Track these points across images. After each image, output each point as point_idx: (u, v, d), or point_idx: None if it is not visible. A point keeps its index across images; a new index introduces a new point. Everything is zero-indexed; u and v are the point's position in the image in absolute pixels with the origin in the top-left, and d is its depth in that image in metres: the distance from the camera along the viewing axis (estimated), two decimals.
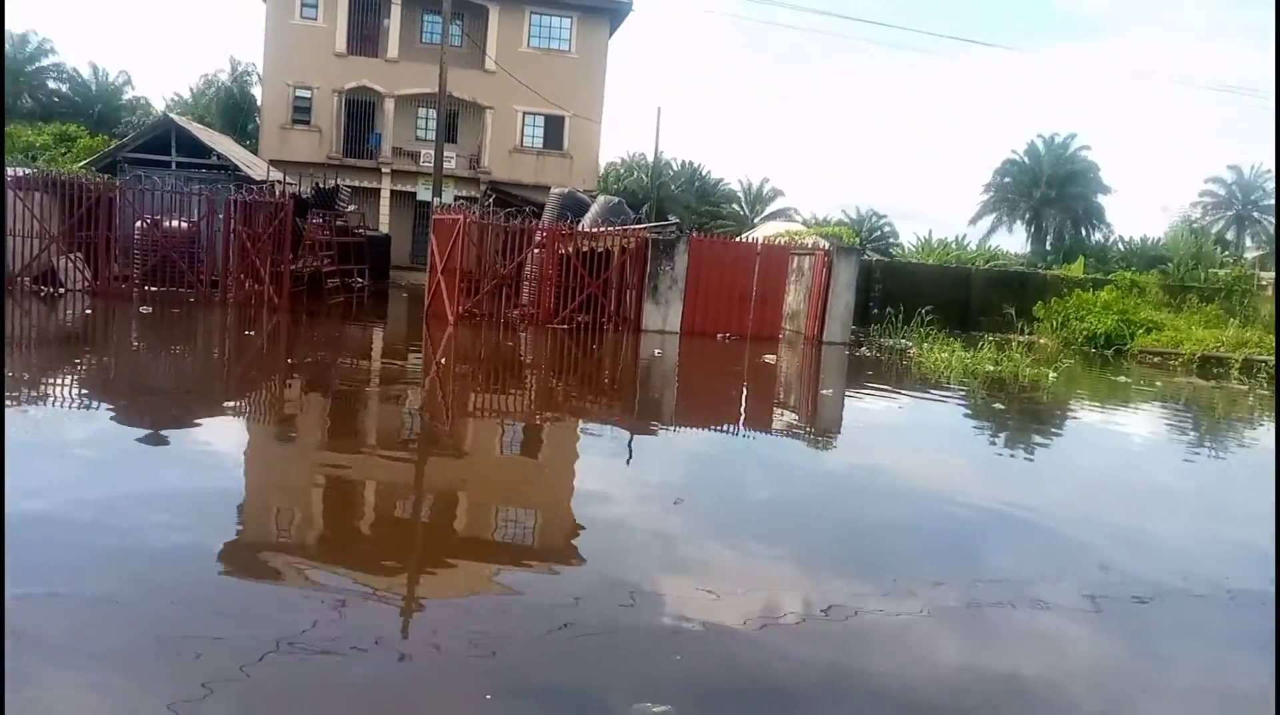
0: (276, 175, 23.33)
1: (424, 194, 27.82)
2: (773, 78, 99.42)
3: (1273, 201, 50.91)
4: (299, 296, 19.12)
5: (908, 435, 10.34)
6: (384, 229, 29.30)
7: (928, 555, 5.58)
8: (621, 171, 50.93)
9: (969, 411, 12.34)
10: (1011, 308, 21.68)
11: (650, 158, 42.12)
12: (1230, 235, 50.73)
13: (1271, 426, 12.83)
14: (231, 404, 9.67)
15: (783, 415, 11.38)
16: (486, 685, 3.42)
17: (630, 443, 8.64)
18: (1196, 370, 18.56)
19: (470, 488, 6.62)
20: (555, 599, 4.32)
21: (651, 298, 18.30)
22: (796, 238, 26.30)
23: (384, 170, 30.30)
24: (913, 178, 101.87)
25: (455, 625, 3.96)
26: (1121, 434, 11.39)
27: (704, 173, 54.32)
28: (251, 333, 14.85)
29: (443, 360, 13.73)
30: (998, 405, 12.65)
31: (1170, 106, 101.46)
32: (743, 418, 10.90)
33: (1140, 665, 4.27)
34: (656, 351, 15.64)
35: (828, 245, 19.80)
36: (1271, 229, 50.12)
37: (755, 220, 50.35)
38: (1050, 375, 14.85)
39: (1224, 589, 5.20)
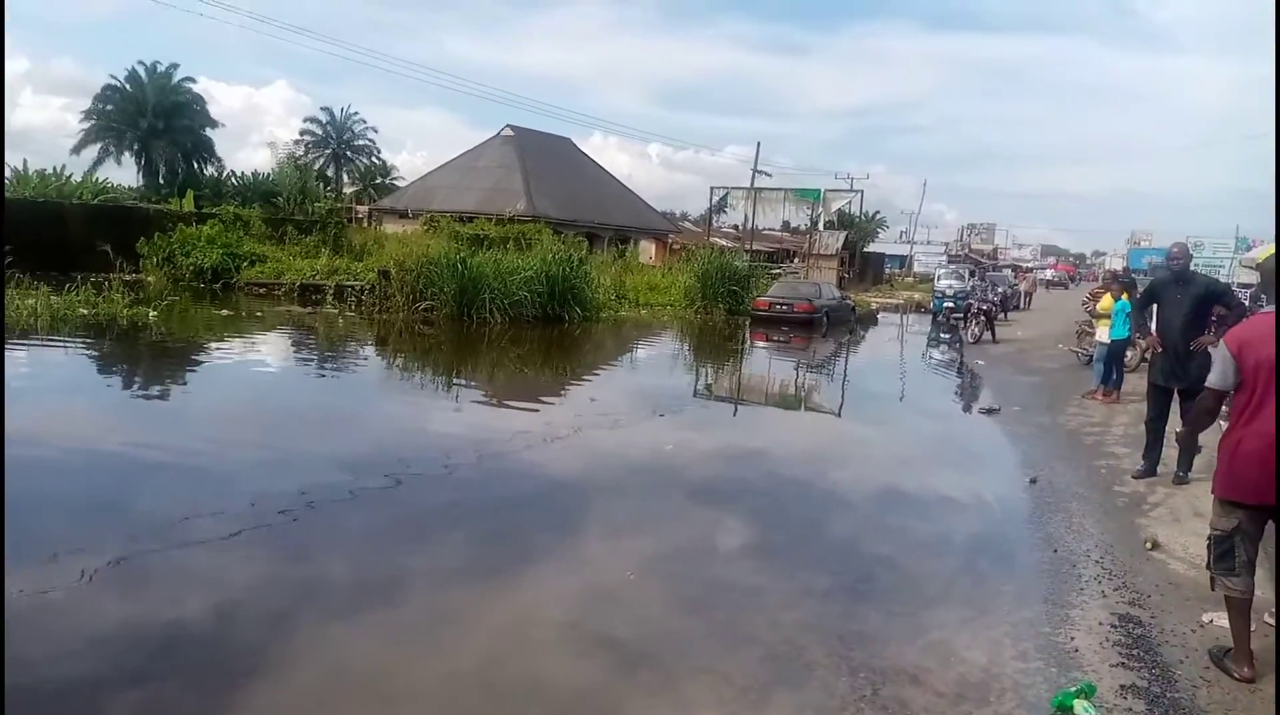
0: None
1: None
2: None
3: (363, 142, 58.18)
4: None
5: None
6: None
7: (83, 513, 5.46)
8: None
9: (64, 361, 11.68)
10: (109, 245, 20.49)
11: None
12: (330, 172, 56.18)
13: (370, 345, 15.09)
14: None
15: None
16: None
17: None
18: (297, 298, 20.46)
19: None
20: None
21: None
22: None
23: None
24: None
25: None
26: (231, 364, 12.11)
27: None
28: None
29: None
30: (95, 352, 12.26)
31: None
32: None
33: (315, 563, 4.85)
34: None
35: None
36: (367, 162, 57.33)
37: None
38: (151, 314, 14.84)
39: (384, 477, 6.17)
